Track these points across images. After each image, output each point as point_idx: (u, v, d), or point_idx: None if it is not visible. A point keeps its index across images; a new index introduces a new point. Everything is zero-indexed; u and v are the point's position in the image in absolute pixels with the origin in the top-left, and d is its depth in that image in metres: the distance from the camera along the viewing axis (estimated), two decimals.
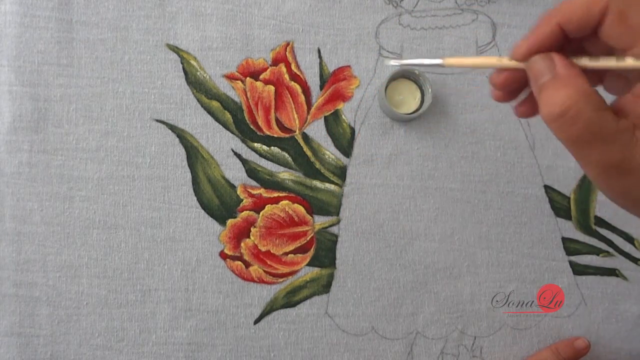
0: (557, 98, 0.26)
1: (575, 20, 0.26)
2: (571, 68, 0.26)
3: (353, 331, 0.45)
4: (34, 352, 0.43)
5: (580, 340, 0.46)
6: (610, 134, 0.25)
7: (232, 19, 0.46)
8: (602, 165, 0.26)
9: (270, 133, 0.46)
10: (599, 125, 0.25)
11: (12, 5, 0.44)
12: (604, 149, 0.25)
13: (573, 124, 0.25)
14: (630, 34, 0.26)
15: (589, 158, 0.26)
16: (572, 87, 0.26)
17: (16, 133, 0.44)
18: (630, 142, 0.25)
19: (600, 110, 0.25)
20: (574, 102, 0.25)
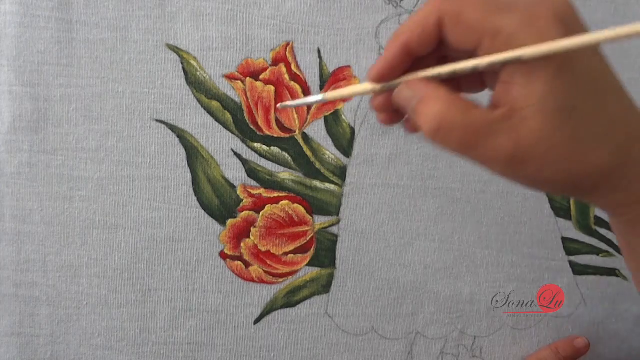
0: (428, 116, 0.26)
1: (416, 39, 0.27)
2: (430, 85, 0.27)
3: (353, 331, 0.45)
4: (34, 352, 0.43)
5: (580, 340, 0.46)
6: (489, 128, 0.26)
7: (232, 19, 0.46)
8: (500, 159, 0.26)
9: (270, 133, 0.46)
10: (474, 125, 0.26)
11: (12, 5, 0.44)
12: (491, 144, 0.26)
13: (452, 133, 0.26)
14: (470, 33, 0.26)
15: (485, 157, 0.26)
16: (437, 100, 0.27)
17: (16, 133, 0.44)
18: (512, 128, 0.25)
19: (469, 110, 0.26)
20: (443, 114, 0.26)
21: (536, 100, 0.25)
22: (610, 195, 0.29)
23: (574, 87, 0.25)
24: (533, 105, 0.25)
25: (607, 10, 0.50)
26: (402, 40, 0.27)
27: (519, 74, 0.25)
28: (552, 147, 0.26)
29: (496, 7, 0.25)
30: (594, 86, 0.26)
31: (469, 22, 0.26)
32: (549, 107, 0.25)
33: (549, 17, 0.25)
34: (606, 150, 0.26)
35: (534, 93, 0.25)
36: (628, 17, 0.51)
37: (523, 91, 0.25)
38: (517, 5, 0.25)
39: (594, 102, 0.26)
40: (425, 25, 0.27)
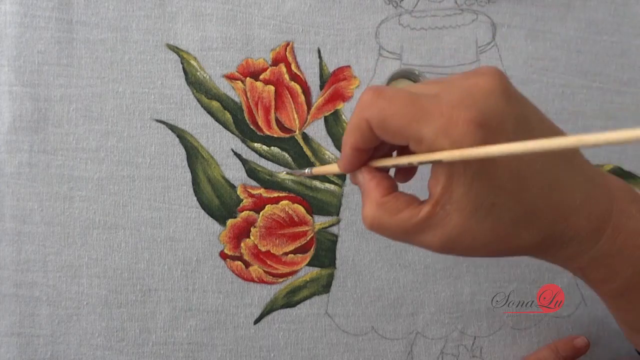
0: (364, 214, 0.30)
1: (360, 142, 0.29)
2: (371, 181, 0.30)
3: (353, 331, 0.45)
4: (34, 352, 0.43)
5: (580, 339, 0.46)
6: (415, 228, 0.28)
7: (232, 19, 0.46)
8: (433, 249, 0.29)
9: (270, 133, 0.46)
10: (401, 227, 0.29)
11: (12, 5, 0.44)
12: (422, 239, 0.29)
13: (383, 232, 0.30)
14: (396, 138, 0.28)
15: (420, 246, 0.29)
16: (370, 201, 0.30)
17: (16, 133, 0.44)
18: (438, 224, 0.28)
19: (396, 214, 0.29)
20: (373, 216, 0.29)
21: (456, 199, 0.27)
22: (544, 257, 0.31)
23: (492, 188, 0.27)
24: (454, 203, 0.27)
25: (607, 10, 0.50)
26: (350, 144, 0.30)
27: (442, 174, 0.27)
28: (475, 238, 0.28)
29: (417, 114, 0.27)
30: (515, 183, 0.27)
31: (393, 130, 0.27)
32: (468, 206, 0.27)
33: (467, 123, 0.26)
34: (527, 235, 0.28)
35: (454, 193, 0.27)
36: (628, 17, 0.51)
37: (445, 190, 0.27)
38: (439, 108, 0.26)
39: (514, 197, 0.27)
40: (361, 129, 0.29)
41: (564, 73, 0.49)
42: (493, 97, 0.27)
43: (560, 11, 0.50)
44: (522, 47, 0.49)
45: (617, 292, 0.32)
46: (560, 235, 0.29)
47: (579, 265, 0.31)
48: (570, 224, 0.29)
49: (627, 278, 0.31)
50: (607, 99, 0.50)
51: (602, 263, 0.30)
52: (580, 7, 0.50)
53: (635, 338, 0.37)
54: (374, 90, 0.28)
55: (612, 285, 0.32)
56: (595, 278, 0.32)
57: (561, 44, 0.50)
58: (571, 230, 0.29)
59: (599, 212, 0.30)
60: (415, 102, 0.27)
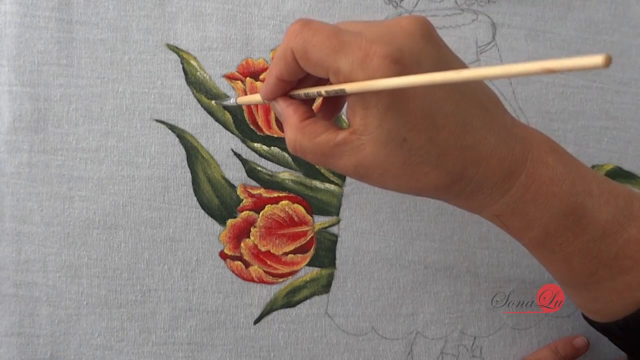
0: (287, 138, 0.32)
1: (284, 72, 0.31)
2: (288, 108, 0.32)
3: (353, 331, 0.45)
4: (34, 352, 0.43)
5: (580, 339, 0.46)
6: (333, 151, 0.30)
7: (232, 19, 0.46)
8: (348, 172, 0.31)
9: (270, 133, 0.46)
10: (320, 150, 0.30)
11: (12, 5, 0.44)
12: (338, 162, 0.30)
13: (304, 154, 0.31)
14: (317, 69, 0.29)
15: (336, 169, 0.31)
16: (290, 125, 0.31)
17: (16, 133, 0.44)
18: (353, 150, 0.29)
19: (315, 137, 0.30)
20: (294, 139, 0.31)
21: (370, 131, 0.28)
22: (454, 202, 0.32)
23: (403, 123, 0.28)
24: (368, 134, 0.29)
25: (607, 10, 0.51)
26: (275, 74, 0.31)
27: (358, 106, 0.28)
28: (387, 170, 0.29)
29: (337, 47, 0.28)
30: (427, 120, 0.28)
31: (314, 60, 0.28)
32: (380, 138, 0.28)
33: (382, 57, 0.27)
34: (437, 174, 0.30)
35: (369, 125, 0.28)
36: (628, 17, 0.51)
37: (361, 121, 0.29)
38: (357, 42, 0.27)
39: (425, 134, 0.29)
40: (286, 59, 0.30)
41: (564, 73, 0.49)
42: (413, 37, 0.28)
43: (560, 11, 0.50)
44: (522, 47, 0.49)
45: (537, 242, 0.33)
46: (471, 179, 0.30)
47: (494, 212, 0.32)
48: (481, 169, 0.30)
49: (544, 225, 0.32)
50: (607, 99, 0.50)
51: (517, 210, 0.31)
52: (580, 7, 0.50)
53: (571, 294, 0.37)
54: (302, 21, 0.29)
55: (530, 233, 0.32)
56: (514, 226, 0.33)
57: (561, 44, 0.50)
58: (481, 176, 0.30)
59: (512, 158, 0.30)
60: (337, 34, 0.28)
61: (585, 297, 0.36)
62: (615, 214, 0.32)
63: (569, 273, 0.34)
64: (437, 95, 0.29)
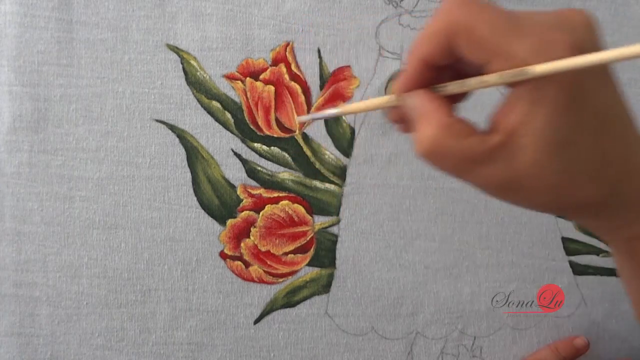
0: (422, 136, 0.26)
1: (432, 53, 0.26)
2: (431, 102, 0.27)
3: (353, 331, 0.45)
4: (34, 352, 0.43)
5: (580, 339, 0.46)
6: (482, 157, 0.25)
7: (232, 19, 0.46)
8: (491, 187, 0.26)
9: (270, 133, 0.46)
10: (467, 153, 0.25)
11: (12, 5, 0.44)
12: (483, 172, 0.26)
13: (443, 159, 0.26)
14: (481, 51, 0.25)
15: (476, 182, 0.26)
16: (433, 123, 0.26)
17: (16, 133, 0.44)
18: (507, 157, 0.25)
19: (463, 139, 0.25)
20: (435, 138, 0.26)
21: (537, 132, 0.24)
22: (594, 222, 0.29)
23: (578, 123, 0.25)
24: (531, 135, 0.25)
25: (607, 10, 0.50)
26: (419, 55, 0.27)
27: (524, 102, 0.25)
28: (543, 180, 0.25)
29: (510, 28, 0.24)
30: (597, 123, 0.25)
31: (480, 41, 0.25)
32: (547, 140, 0.25)
33: (565, 45, 0.24)
34: (595, 187, 0.26)
35: (537, 124, 0.24)
36: (628, 17, 0.51)
37: (525, 119, 0.25)
38: (533, 27, 0.24)
39: (593, 139, 0.25)
40: (439, 37, 0.26)
41: None
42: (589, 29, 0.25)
43: None
44: None
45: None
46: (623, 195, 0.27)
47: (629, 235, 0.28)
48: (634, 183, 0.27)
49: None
50: None
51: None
52: (580, 7, 0.50)
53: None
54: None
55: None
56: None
57: None
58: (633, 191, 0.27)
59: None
60: (512, 15, 0.24)
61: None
62: None
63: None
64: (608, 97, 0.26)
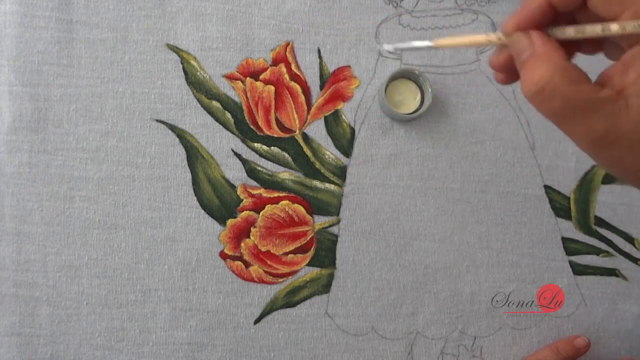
0: (535, 75, 0.26)
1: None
2: (548, 44, 0.27)
3: (353, 331, 0.45)
4: (34, 352, 0.43)
5: (580, 339, 0.46)
6: (590, 105, 0.25)
7: (232, 19, 0.46)
8: (589, 137, 0.26)
9: (270, 133, 0.46)
10: (577, 99, 0.25)
11: (12, 5, 0.44)
12: (586, 121, 0.26)
13: (551, 100, 0.26)
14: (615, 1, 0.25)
15: (574, 131, 0.26)
16: (548, 63, 0.26)
17: (16, 133, 0.44)
18: (613, 112, 0.25)
19: (577, 84, 0.25)
20: (550, 79, 0.26)
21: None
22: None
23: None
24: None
25: None
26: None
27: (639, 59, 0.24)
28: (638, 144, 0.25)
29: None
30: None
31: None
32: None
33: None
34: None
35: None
36: None
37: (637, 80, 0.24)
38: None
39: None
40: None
41: None
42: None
43: None
44: None
45: None
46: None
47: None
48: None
49: None
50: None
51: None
52: None
53: None
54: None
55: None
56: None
57: None
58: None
59: None
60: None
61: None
62: None
63: None
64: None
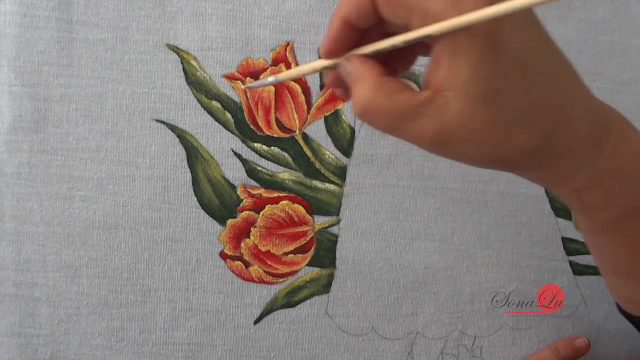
0: (357, 96, 0.27)
1: (354, 14, 0.27)
2: (365, 64, 0.28)
3: (353, 331, 0.45)
4: (34, 352, 0.43)
5: (581, 339, 0.46)
6: (412, 112, 0.26)
7: (232, 19, 0.46)
8: (424, 141, 0.27)
9: (270, 133, 0.46)
10: (397, 110, 0.26)
11: (12, 5, 0.44)
12: (414, 127, 0.26)
13: (377, 116, 0.27)
14: (400, 11, 0.26)
15: (410, 138, 0.27)
16: (366, 82, 0.27)
17: (16, 133, 0.44)
18: (435, 111, 0.26)
19: (394, 96, 0.26)
20: (369, 97, 0.27)
21: (459, 84, 0.25)
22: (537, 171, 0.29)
23: (499, 71, 0.25)
24: (456, 88, 0.25)
25: (607, 10, 0.50)
26: (341, 15, 0.27)
27: (445, 56, 0.25)
28: (473, 131, 0.26)
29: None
30: (521, 70, 0.25)
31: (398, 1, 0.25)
32: (472, 91, 0.25)
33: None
34: (528, 134, 0.26)
35: (458, 76, 0.25)
36: (628, 17, 0.51)
37: (447, 74, 0.25)
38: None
39: (520, 86, 0.26)
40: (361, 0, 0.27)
41: None
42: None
43: (560, 11, 0.50)
44: None
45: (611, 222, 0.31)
46: (559, 142, 0.27)
47: (574, 186, 0.29)
48: (570, 130, 0.27)
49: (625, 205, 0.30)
50: (607, 99, 0.50)
51: (600, 184, 0.29)
52: (580, 7, 0.50)
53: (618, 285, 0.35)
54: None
55: (607, 212, 0.30)
56: (591, 203, 0.30)
57: (561, 44, 0.50)
58: (570, 139, 0.27)
59: (599, 126, 0.28)
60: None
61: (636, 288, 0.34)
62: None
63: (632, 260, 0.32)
64: (531, 44, 0.26)
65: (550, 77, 0.27)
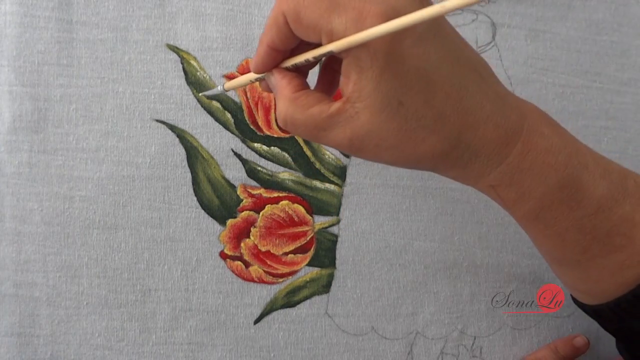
0: (277, 111, 0.31)
1: (276, 39, 0.30)
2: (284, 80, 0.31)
3: (353, 331, 0.45)
4: (34, 352, 0.43)
5: (580, 338, 0.46)
6: (326, 123, 0.29)
7: (232, 19, 0.46)
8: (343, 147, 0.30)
9: (270, 133, 0.46)
10: (312, 122, 0.29)
11: (12, 5, 0.44)
12: (330, 136, 0.29)
13: (296, 128, 0.30)
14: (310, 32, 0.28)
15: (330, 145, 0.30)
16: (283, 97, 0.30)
17: (16, 133, 0.44)
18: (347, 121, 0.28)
19: (308, 109, 0.29)
20: (286, 111, 0.30)
21: (365, 96, 0.27)
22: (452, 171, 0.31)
23: (399, 85, 0.27)
24: (363, 100, 0.28)
25: (607, 10, 0.51)
26: (266, 42, 0.30)
27: (353, 71, 0.27)
28: (383, 138, 0.28)
29: (328, 7, 0.27)
30: (422, 82, 0.28)
31: (306, 22, 0.28)
32: (377, 103, 0.27)
33: (377, 15, 0.26)
34: (434, 140, 0.29)
35: (364, 90, 0.27)
36: (628, 17, 0.51)
37: (355, 87, 0.28)
38: (349, 2, 0.27)
39: (421, 97, 0.28)
40: (278, 25, 0.29)
41: (564, 73, 0.49)
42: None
43: (560, 11, 0.50)
44: (522, 47, 0.49)
45: (531, 215, 0.32)
46: (468, 145, 0.29)
47: (490, 183, 0.31)
48: (478, 134, 0.29)
49: (539, 198, 0.31)
50: (607, 99, 0.50)
51: (513, 180, 0.31)
52: (580, 7, 0.50)
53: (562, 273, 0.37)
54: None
55: (526, 206, 0.32)
56: (509, 198, 0.32)
57: (561, 44, 0.50)
58: (479, 141, 0.29)
59: (508, 126, 0.30)
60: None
61: (577, 276, 0.35)
62: (610, 189, 0.32)
63: (562, 249, 0.33)
64: (432, 58, 0.28)
65: (453, 87, 0.29)
